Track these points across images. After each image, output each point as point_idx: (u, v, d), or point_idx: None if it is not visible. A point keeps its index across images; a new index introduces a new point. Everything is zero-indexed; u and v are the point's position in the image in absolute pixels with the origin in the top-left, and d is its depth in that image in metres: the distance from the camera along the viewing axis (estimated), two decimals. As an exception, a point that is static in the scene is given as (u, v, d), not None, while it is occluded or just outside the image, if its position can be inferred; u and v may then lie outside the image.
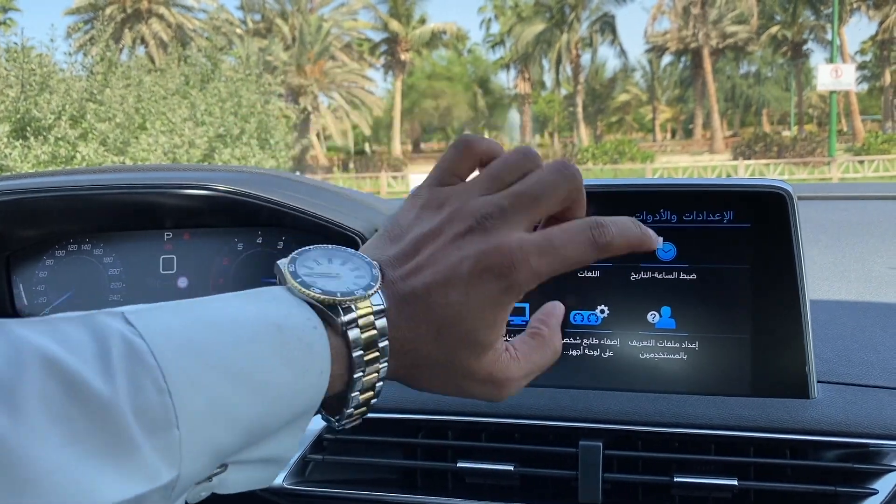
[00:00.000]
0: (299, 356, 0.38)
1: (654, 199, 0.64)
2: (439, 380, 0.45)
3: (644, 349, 0.64)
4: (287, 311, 0.39)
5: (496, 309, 0.43)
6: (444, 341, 0.43)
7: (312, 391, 0.39)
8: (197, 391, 0.33)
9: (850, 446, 0.60)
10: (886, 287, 0.87)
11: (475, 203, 0.45)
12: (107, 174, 0.99)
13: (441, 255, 0.43)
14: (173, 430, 0.32)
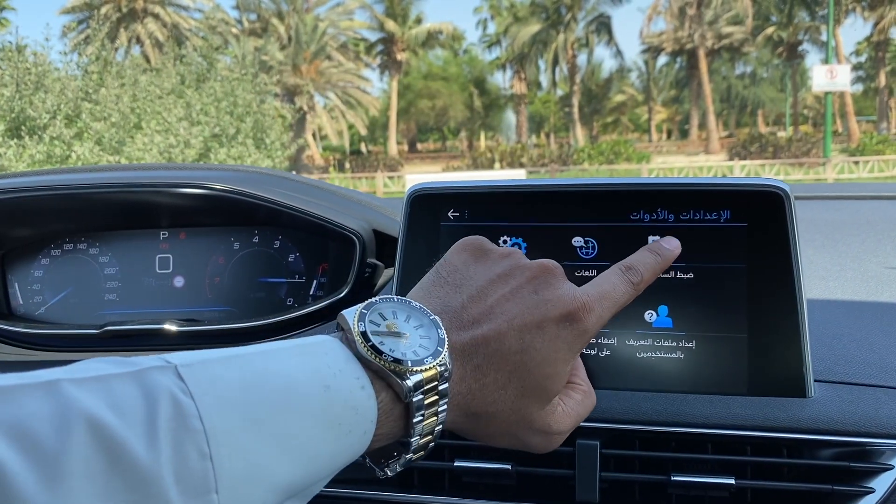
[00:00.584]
0: (344, 419, 0.38)
1: (651, 198, 0.64)
2: (500, 430, 0.45)
3: (641, 348, 0.64)
4: (337, 369, 0.39)
5: (568, 356, 0.45)
6: (511, 390, 0.44)
7: (353, 450, 0.39)
8: (239, 456, 0.34)
9: (846, 445, 0.60)
10: (883, 286, 0.87)
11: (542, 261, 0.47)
12: (102, 173, 0.99)
13: (514, 300, 0.44)
14: (212, 494, 0.32)
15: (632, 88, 47.65)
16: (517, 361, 0.43)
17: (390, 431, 0.41)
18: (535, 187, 0.66)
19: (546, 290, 0.45)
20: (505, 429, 0.46)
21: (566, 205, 0.65)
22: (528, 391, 0.44)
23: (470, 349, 0.43)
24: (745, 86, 44.87)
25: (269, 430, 0.35)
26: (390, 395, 0.40)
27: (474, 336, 0.43)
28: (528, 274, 0.46)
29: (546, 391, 0.45)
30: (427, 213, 0.68)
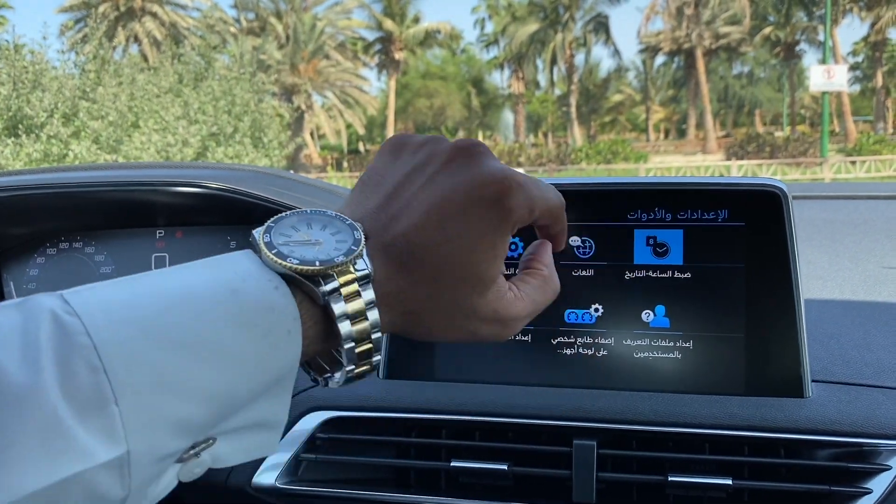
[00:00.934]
0: (260, 320, 0.36)
1: (650, 198, 0.64)
2: (442, 324, 0.43)
3: (638, 348, 0.64)
4: (245, 274, 0.37)
5: (495, 239, 0.42)
6: (445, 281, 0.42)
7: (283, 354, 0.37)
8: (139, 364, 0.32)
9: (844, 445, 0.60)
10: (880, 286, 0.87)
11: (459, 140, 0.45)
12: (99, 171, 0.98)
13: (430, 190, 0.42)
14: (110, 406, 0.31)
15: (629, 88, 47.67)
16: (444, 253, 0.41)
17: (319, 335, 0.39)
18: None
19: (464, 171, 0.42)
20: (449, 322, 0.44)
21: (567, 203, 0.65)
22: (462, 280, 0.42)
23: (392, 248, 0.41)
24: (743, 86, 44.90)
25: (173, 338, 0.33)
26: (310, 302, 0.38)
27: (394, 234, 0.41)
28: (444, 158, 0.43)
29: (480, 277, 0.43)
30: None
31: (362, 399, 0.67)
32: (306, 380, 0.69)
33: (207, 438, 0.36)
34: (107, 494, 0.32)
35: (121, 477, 0.32)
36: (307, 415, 0.68)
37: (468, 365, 0.67)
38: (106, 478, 0.31)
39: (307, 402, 0.68)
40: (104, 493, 0.32)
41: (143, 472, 0.33)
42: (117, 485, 0.32)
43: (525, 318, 0.47)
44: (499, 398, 0.65)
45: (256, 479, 0.67)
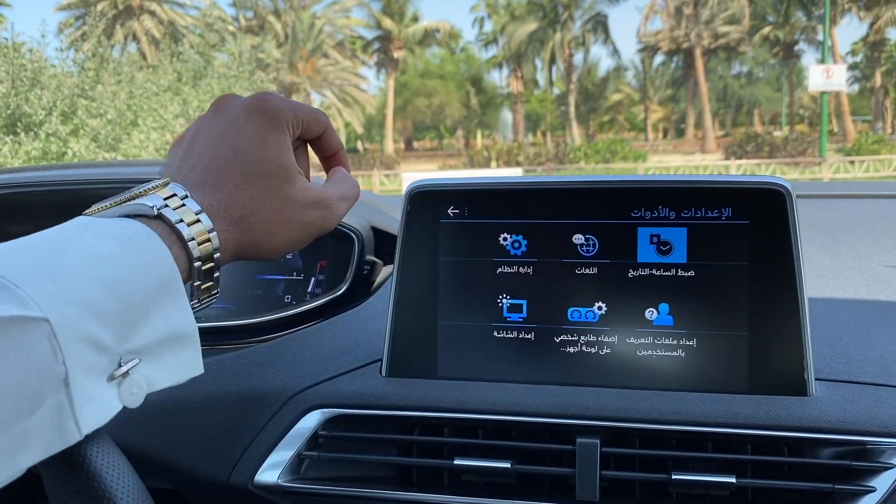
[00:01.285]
0: (115, 233, 0.42)
1: (653, 196, 0.64)
2: (273, 221, 0.51)
3: (642, 346, 0.64)
4: (91, 220, 0.43)
5: (276, 135, 0.51)
6: (252, 179, 0.50)
7: (154, 254, 0.43)
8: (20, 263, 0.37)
9: (848, 444, 0.60)
10: (884, 285, 0.87)
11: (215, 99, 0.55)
12: (97, 169, 0.98)
13: (208, 133, 0.52)
14: (13, 289, 0.35)
15: (628, 87, 47.68)
16: (239, 163, 0.50)
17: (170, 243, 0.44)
18: (536, 184, 0.65)
19: (226, 108, 0.52)
20: (277, 217, 0.51)
21: (566, 202, 0.65)
22: (266, 176, 0.50)
23: (196, 177, 0.49)
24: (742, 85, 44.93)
25: (44, 249, 0.39)
26: (145, 220, 0.44)
27: (198, 170, 0.49)
28: (210, 112, 0.53)
29: (280, 167, 0.51)
30: (426, 210, 0.68)
31: (365, 397, 0.67)
32: (308, 378, 0.69)
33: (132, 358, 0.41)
34: (42, 363, 0.36)
35: (52, 349, 0.36)
36: (309, 413, 0.67)
37: (471, 362, 0.67)
38: (36, 342, 0.35)
39: (309, 400, 0.68)
40: (39, 360, 0.36)
41: (74, 351, 0.37)
42: (50, 354, 0.36)
43: (339, 200, 0.56)
44: (502, 396, 0.64)
45: (258, 477, 0.67)
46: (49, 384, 0.36)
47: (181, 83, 12.22)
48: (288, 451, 0.67)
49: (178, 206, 0.45)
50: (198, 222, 0.46)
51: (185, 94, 11.85)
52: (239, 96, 0.54)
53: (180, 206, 0.45)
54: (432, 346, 0.67)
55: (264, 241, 0.51)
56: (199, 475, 0.70)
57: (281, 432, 0.68)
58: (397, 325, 0.68)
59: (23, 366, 0.35)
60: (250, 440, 0.68)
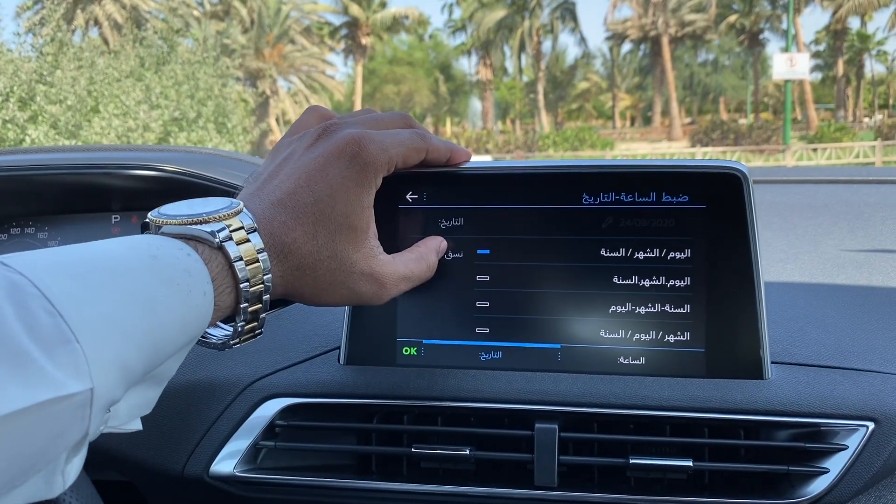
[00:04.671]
0: (179, 279, 0.40)
1: (609, 181, 0.63)
2: (327, 279, 0.49)
3: (600, 331, 0.64)
4: (158, 245, 0.41)
5: (360, 190, 0.49)
6: (322, 232, 0.48)
7: (200, 312, 0.41)
8: (88, 309, 0.34)
9: (802, 426, 0.60)
10: (839, 268, 0.88)
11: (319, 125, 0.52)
12: (50, 154, 0.95)
13: (297, 164, 0.49)
14: (73, 344, 0.33)
15: (596, 76, 47.90)
16: (316, 211, 0.48)
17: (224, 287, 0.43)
18: (492, 170, 0.64)
19: (323, 143, 0.50)
20: (331, 277, 0.49)
21: (525, 187, 0.64)
22: (336, 233, 0.48)
23: (269, 210, 0.47)
24: (708, 73, 45.40)
25: (110, 290, 0.36)
26: (207, 248, 0.43)
27: (271, 201, 0.47)
28: (307, 142, 0.51)
29: (352, 228, 0.49)
30: (385, 195, 0.66)
31: (322, 385, 0.66)
32: (264, 367, 0.68)
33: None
34: (67, 432, 0.33)
35: (82, 417, 0.34)
36: (265, 402, 0.66)
37: (430, 349, 0.66)
38: (71, 414, 0.33)
39: (266, 389, 0.67)
40: (66, 430, 0.33)
41: (97, 417, 0.35)
42: (78, 424, 0.34)
43: (400, 281, 0.54)
44: (461, 383, 0.64)
45: (214, 467, 0.66)
46: (60, 449, 0.34)
47: (144, 69, 11.99)
48: (244, 441, 0.66)
49: (242, 240, 0.44)
50: (256, 262, 0.44)
51: (147, 79, 11.62)
52: (342, 129, 0.51)
53: (244, 240, 0.44)
54: (391, 333, 0.66)
55: (310, 294, 0.50)
56: (153, 466, 0.68)
57: (237, 422, 0.66)
58: (356, 313, 0.67)
59: (46, 436, 0.33)
60: (205, 430, 0.67)
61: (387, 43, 42.23)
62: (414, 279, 0.56)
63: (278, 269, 0.47)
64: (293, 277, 0.48)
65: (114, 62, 11.68)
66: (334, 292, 0.50)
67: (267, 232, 0.46)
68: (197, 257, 0.42)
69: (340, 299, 0.51)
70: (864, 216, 1.06)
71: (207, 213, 0.44)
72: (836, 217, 1.07)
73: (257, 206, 0.47)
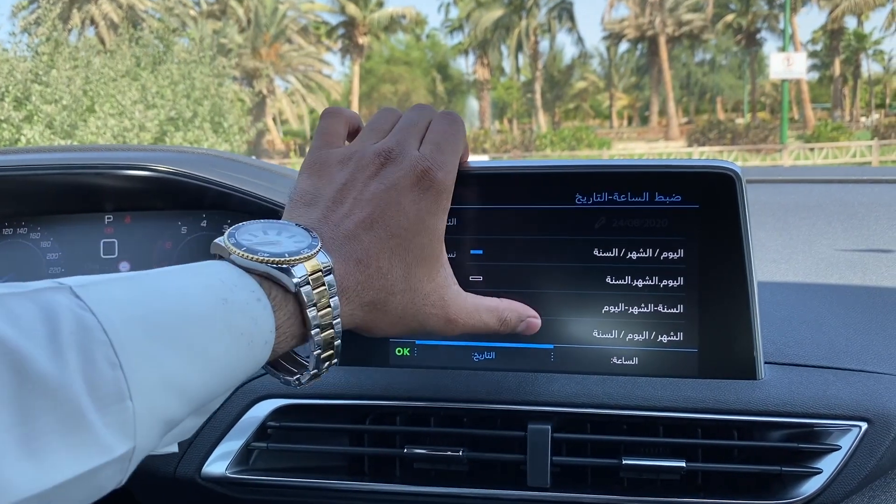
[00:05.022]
0: (246, 329, 0.39)
1: (602, 181, 0.63)
2: (395, 315, 0.48)
3: (593, 331, 0.64)
4: (232, 284, 0.40)
5: (435, 220, 0.48)
6: (396, 271, 0.47)
7: (255, 360, 0.40)
8: (148, 364, 0.34)
9: (795, 426, 0.60)
10: (832, 268, 0.88)
11: (373, 147, 0.50)
12: (43, 154, 0.95)
13: (367, 194, 0.47)
14: (126, 402, 0.32)
15: (593, 75, 47.92)
16: (392, 245, 0.46)
17: (288, 331, 0.42)
18: (485, 170, 0.64)
19: (390, 173, 0.48)
20: (403, 311, 0.48)
21: (518, 186, 0.64)
22: (411, 265, 0.47)
23: (346, 247, 0.45)
24: (705, 73, 45.44)
25: (175, 341, 0.35)
26: (280, 292, 0.42)
27: (346, 234, 0.46)
28: (370, 170, 0.48)
29: (427, 259, 0.48)
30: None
31: (315, 386, 0.65)
32: (257, 367, 0.68)
33: None
34: (105, 487, 0.33)
35: (121, 471, 0.33)
36: (258, 403, 0.66)
37: (423, 349, 0.66)
38: (112, 472, 0.33)
39: (258, 390, 0.67)
40: (104, 485, 0.33)
41: (133, 468, 0.34)
42: (116, 478, 0.33)
43: (468, 319, 0.51)
44: (453, 383, 0.64)
45: (206, 468, 0.66)
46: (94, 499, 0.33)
47: (140, 68, 11.97)
48: (236, 442, 0.66)
49: (318, 283, 0.42)
50: (328, 307, 0.43)
51: (143, 79, 11.60)
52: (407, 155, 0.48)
53: (320, 284, 0.42)
54: (384, 333, 0.66)
55: (376, 328, 0.48)
56: (146, 468, 0.68)
57: (229, 423, 0.66)
58: (348, 313, 0.67)
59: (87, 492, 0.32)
60: (197, 431, 0.67)
61: (384, 42, 42.22)
62: (481, 324, 0.53)
63: (350, 307, 0.45)
64: (363, 313, 0.46)
65: (110, 62, 11.66)
66: (403, 325, 0.49)
67: (341, 272, 0.44)
68: (267, 304, 0.40)
69: (408, 332, 0.49)
70: (858, 216, 1.06)
71: (289, 252, 0.42)
72: (830, 217, 1.07)
73: (330, 238, 0.45)
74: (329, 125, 0.53)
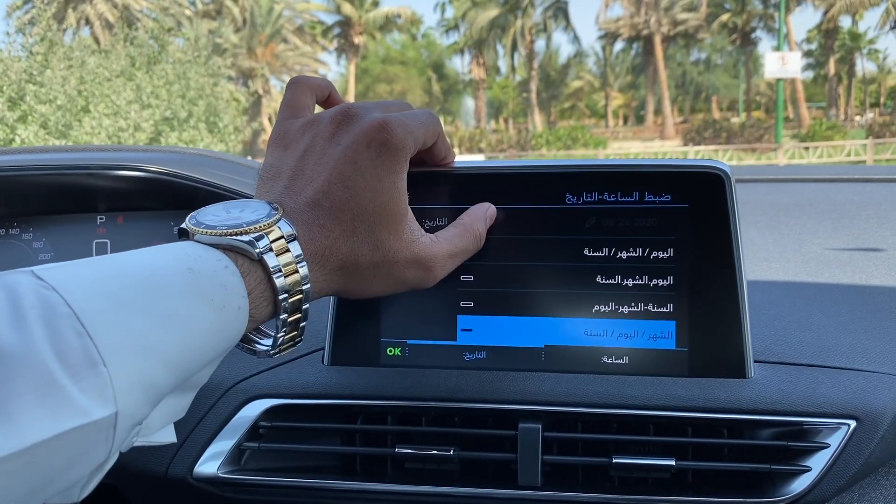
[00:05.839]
0: (216, 294, 0.39)
1: (592, 181, 0.63)
2: (368, 276, 0.48)
3: (583, 330, 0.64)
4: (197, 256, 0.40)
5: (393, 176, 0.48)
6: (361, 227, 0.47)
7: (233, 327, 0.41)
8: (117, 330, 0.34)
9: (785, 424, 0.60)
10: (823, 267, 0.88)
11: (332, 110, 0.50)
12: (36, 154, 0.95)
13: (324, 159, 0.48)
14: (100, 367, 0.33)
15: (589, 74, 47.96)
16: (352, 206, 0.46)
17: (261, 297, 0.43)
18: (476, 170, 0.64)
19: (346, 133, 0.48)
20: (376, 270, 0.48)
21: (509, 187, 0.64)
22: (375, 225, 0.47)
23: (308, 214, 0.46)
24: (700, 72, 45.50)
25: (143, 308, 0.36)
26: (247, 261, 0.42)
27: (306, 201, 0.46)
28: (327, 133, 0.49)
29: (391, 216, 0.48)
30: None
31: (306, 386, 0.66)
32: (248, 368, 0.68)
33: None
34: (92, 455, 0.34)
35: (106, 439, 0.34)
36: (249, 403, 0.66)
37: (414, 349, 0.66)
38: (95, 437, 0.33)
39: (249, 390, 0.67)
40: (90, 453, 0.33)
41: (121, 437, 0.35)
42: (102, 446, 0.34)
43: (446, 260, 0.53)
44: (444, 383, 0.64)
45: (198, 468, 0.66)
46: (84, 469, 0.34)
47: (135, 68, 11.94)
48: (228, 442, 0.66)
49: (282, 249, 0.43)
50: (295, 272, 0.43)
51: (138, 79, 11.57)
52: (363, 115, 0.49)
53: (283, 250, 0.43)
54: (375, 334, 0.66)
55: (354, 290, 0.49)
56: (137, 468, 0.68)
57: (220, 423, 0.66)
58: (339, 314, 0.67)
59: (70, 458, 0.33)
60: (188, 432, 0.67)
61: (379, 42, 42.20)
62: (461, 254, 0.55)
63: (319, 273, 0.46)
64: (335, 278, 0.47)
65: (104, 61, 11.63)
66: (380, 283, 0.49)
67: (306, 238, 0.45)
68: (235, 270, 0.41)
69: (387, 289, 0.50)
70: (849, 215, 1.06)
71: (248, 223, 0.43)
72: (821, 216, 1.07)
73: (292, 208, 0.46)
74: (294, 96, 0.53)
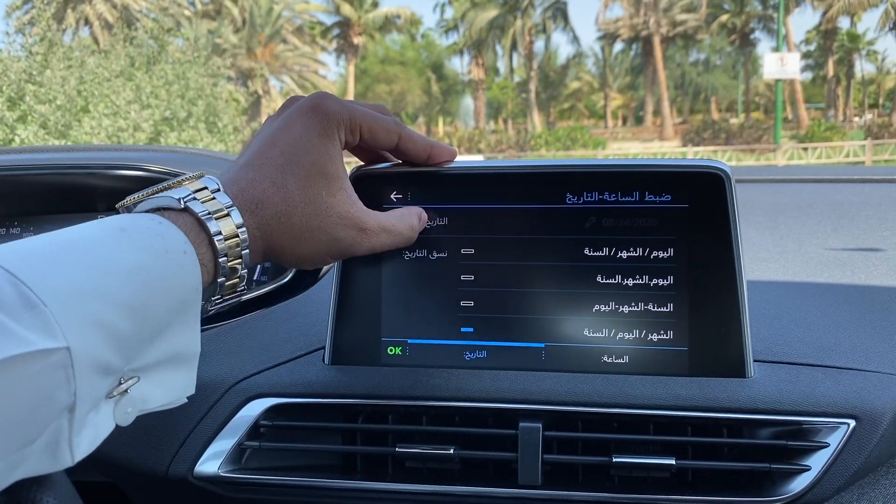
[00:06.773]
0: (154, 243, 0.41)
1: (593, 181, 0.63)
2: (302, 227, 0.49)
3: (584, 330, 0.64)
4: (130, 218, 0.42)
5: (324, 139, 0.50)
6: (291, 180, 0.49)
7: (185, 271, 0.42)
8: (53, 277, 0.35)
9: (784, 424, 0.60)
10: (822, 267, 0.88)
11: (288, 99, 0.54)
12: (36, 154, 0.95)
13: (263, 132, 0.51)
14: (39, 308, 0.34)
15: (588, 75, 47.97)
16: (282, 162, 0.49)
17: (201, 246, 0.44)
18: (476, 169, 0.65)
19: (287, 110, 0.52)
20: (307, 224, 0.50)
21: (508, 186, 0.64)
22: (307, 179, 0.49)
23: (240, 173, 0.48)
24: (699, 73, 45.52)
25: (78, 261, 0.37)
26: (174, 213, 0.44)
27: (241, 165, 0.49)
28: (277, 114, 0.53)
29: (323, 174, 0.50)
30: (369, 195, 0.67)
31: (307, 385, 0.66)
32: (249, 367, 0.68)
33: (133, 376, 0.40)
34: (54, 394, 0.34)
35: (66, 378, 0.34)
36: (250, 402, 0.66)
37: (415, 349, 0.66)
38: (52, 375, 0.34)
39: (250, 389, 0.67)
40: (51, 391, 0.34)
41: (86, 380, 0.35)
42: (63, 385, 0.34)
43: (379, 231, 0.54)
44: (445, 382, 0.64)
45: (199, 467, 0.66)
46: (54, 413, 0.35)
47: (134, 68, 11.92)
48: (229, 441, 0.66)
49: (208, 198, 0.45)
50: (227, 216, 0.45)
51: (138, 79, 11.56)
52: (298, 97, 0.53)
53: (210, 198, 0.45)
54: (376, 333, 0.66)
55: (289, 247, 0.50)
56: (137, 467, 0.68)
57: (221, 422, 0.66)
58: (340, 313, 0.67)
59: (32, 397, 0.33)
60: (189, 430, 0.67)
61: (379, 42, 42.19)
62: (395, 234, 0.57)
63: (253, 220, 0.47)
64: (269, 228, 0.48)
65: (104, 62, 11.61)
66: (313, 239, 0.50)
67: (235, 190, 0.47)
68: (168, 223, 0.42)
69: (321, 247, 0.51)
70: (848, 215, 1.07)
71: (167, 183, 0.45)
72: (820, 216, 1.07)
73: (226, 177, 0.48)
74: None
